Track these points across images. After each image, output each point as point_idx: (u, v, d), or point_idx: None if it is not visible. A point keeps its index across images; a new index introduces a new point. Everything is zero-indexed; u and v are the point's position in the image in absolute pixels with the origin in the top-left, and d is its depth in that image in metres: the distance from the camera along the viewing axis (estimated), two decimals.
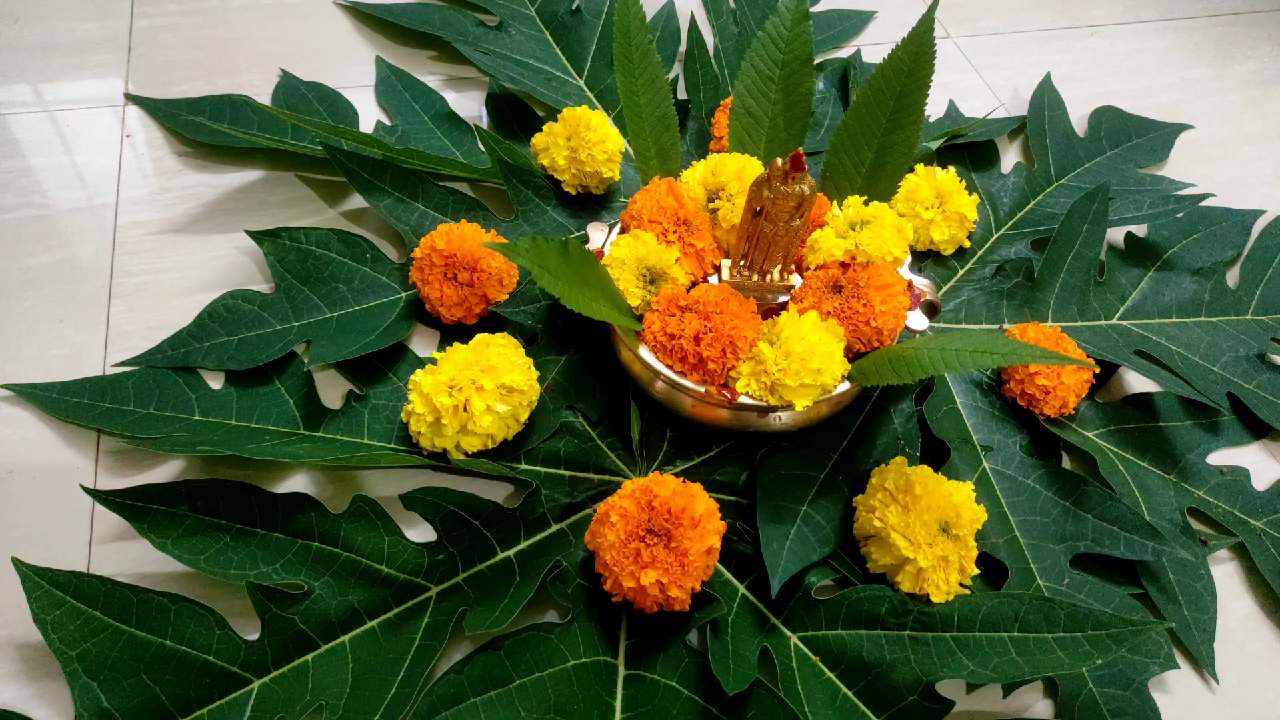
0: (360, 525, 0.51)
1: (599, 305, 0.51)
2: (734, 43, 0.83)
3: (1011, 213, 0.75)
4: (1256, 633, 0.56)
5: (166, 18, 0.81)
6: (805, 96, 0.61)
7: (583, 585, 0.51)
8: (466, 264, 0.59)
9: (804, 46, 0.61)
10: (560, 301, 0.48)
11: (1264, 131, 0.89)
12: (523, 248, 0.46)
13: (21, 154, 0.70)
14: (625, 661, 0.49)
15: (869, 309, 0.54)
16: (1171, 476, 0.60)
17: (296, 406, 0.56)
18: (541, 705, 0.46)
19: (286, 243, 0.63)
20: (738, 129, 0.63)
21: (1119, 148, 0.82)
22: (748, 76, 0.62)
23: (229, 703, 0.45)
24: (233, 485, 0.50)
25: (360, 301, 0.61)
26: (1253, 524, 0.59)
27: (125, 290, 0.62)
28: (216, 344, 0.58)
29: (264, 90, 0.75)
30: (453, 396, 0.51)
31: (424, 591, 0.50)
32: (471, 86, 0.79)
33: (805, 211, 0.52)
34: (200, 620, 0.46)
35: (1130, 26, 0.99)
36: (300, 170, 0.70)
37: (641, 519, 0.47)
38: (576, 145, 0.65)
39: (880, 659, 0.49)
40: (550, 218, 0.67)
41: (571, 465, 0.56)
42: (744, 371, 0.53)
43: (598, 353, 0.60)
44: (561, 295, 0.48)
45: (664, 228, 0.55)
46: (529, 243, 0.46)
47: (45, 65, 0.76)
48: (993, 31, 0.96)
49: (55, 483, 0.53)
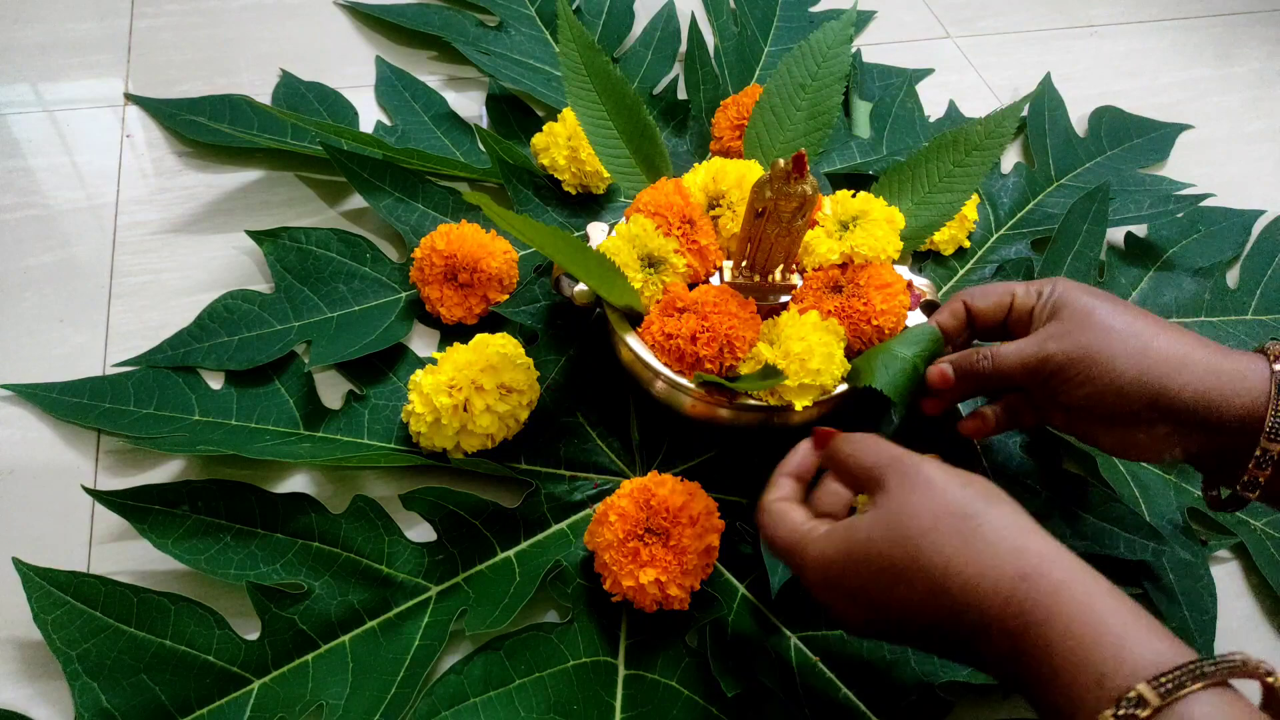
0: (360, 525, 0.51)
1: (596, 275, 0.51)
2: (734, 43, 0.83)
3: (1011, 213, 0.74)
4: (1256, 633, 0.56)
5: (166, 18, 0.81)
6: (831, 110, 0.62)
7: (583, 585, 0.51)
8: (466, 264, 0.59)
9: (840, 65, 0.62)
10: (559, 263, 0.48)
11: (1264, 131, 0.89)
12: (517, 220, 0.45)
13: (21, 154, 0.70)
14: (625, 661, 0.49)
15: (869, 308, 0.53)
16: (1171, 476, 0.60)
17: (296, 406, 0.56)
18: (541, 705, 0.46)
19: (286, 243, 0.63)
20: (759, 126, 0.63)
21: (1119, 148, 0.82)
22: (780, 80, 0.63)
23: (229, 703, 0.45)
24: (233, 485, 0.50)
25: (360, 301, 0.61)
26: (1253, 524, 0.59)
27: (125, 290, 0.62)
28: (216, 344, 0.58)
29: (264, 90, 0.75)
30: (453, 396, 0.51)
31: (424, 591, 0.50)
32: (471, 86, 0.79)
33: (807, 212, 0.52)
34: (200, 620, 0.46)
35: (1130, 26, 0.99)
36: (300, 170, 0.70)
37: (640, 518, 0.47)
38: (577, 145, 0.65)
39: (880, 659, 0.49)
40: (550, 217, 0.67)
41: (571, 465, 0.56)
42: (743, 372, 0.53)
43: (598, 353, 0.60)
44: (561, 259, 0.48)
45: (669, 223, 0.55)
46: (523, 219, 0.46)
47: (45, 65, 0.76)
48: (993, 31, 0.96)
49: (55, 483, 0.53)
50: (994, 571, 0.34)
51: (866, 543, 0.37)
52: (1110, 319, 0.45)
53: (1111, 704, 0.30)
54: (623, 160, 0.61)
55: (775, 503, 0.43)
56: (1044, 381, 0.46)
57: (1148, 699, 0.29)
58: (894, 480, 0.38)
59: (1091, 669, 0.31)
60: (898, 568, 0.36)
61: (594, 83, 0.60)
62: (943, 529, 0.36)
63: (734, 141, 0.69)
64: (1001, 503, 0.37)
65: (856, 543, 0.38)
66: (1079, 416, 0.47)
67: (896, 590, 0.36)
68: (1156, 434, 0.44)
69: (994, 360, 0.48)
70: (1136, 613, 0.33)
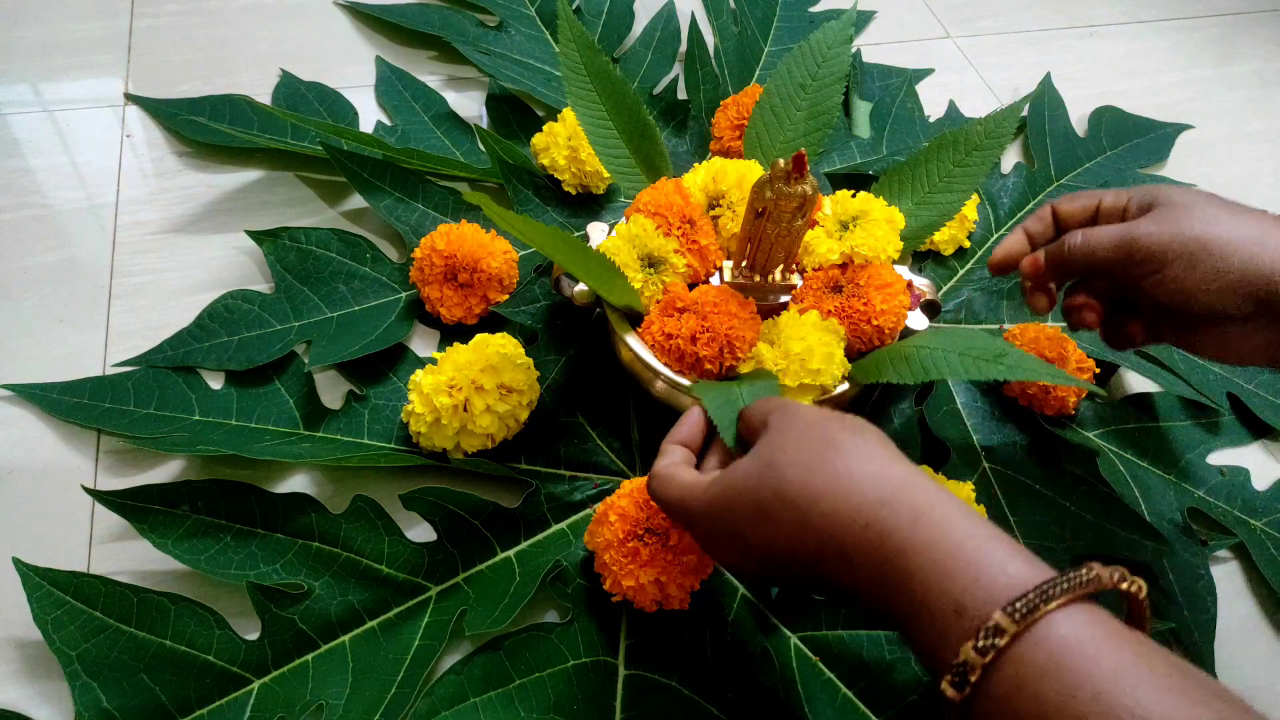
0: (360, 525, 0.51)
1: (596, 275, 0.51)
2: (734, 43, 0.83)
3: (1011, 212, 0.74)
4: (1256, 633, 0.56)
5: (166, 18, 0.81)
6: (831, 110, 0.62)
7: (583, 585, 0.51)
8: (466, 264, 0.59)
9: (840, 65, 0.62)
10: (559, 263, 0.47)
11: (1264, 131, 0.89)
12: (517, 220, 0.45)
13: (21, 154, 0.70)
14: (625, 661, 0.49)
15: (870, 308, 0.53)
16: (1171, 476, 0.60)
17: (296, 406, 0.56)
18: (541, 705, 0.46)
19: (286, 243, 0.63)
20: (759, 126, 0.63)
21: (1119, 148, 0.82)
22: (780, 80, 0.63)
23: (229, 703, 0.45)
24: (233, 485, 0.50)
25: (360, 301, 0.61)
26: (1253, 524, 0.59)
27: (125, 290, 0.62)
28: (216, 344, 0.58)
29: (264, 90, 0.75)
30: (453, 396, 0.51)
31: (424, 591, 0.50)
32: (471, 86, 0.79)
33: (807, 212, 0.52)
34: (200, 620, 0.46)
35: (1130, 26, 0.99)
36: (300, 170, 0.70)
37: (639, 518, 0.47)
38: (577, 145, 0.65)
39: (880, 659, 0.49)
40: (550, 217, 0.67)
41: (571, 465, 0.56)
42: (743, 372, 0.53)
43: (598, 353, 0.60)
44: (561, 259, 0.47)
45: (669, 223, 0.55)
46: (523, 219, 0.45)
47: (45, 65, 0.76)
48: (993, 31, 0.96)
49: (55, 483, 0.53)
50: (856, 497, 0.34)
51: (741, 482, 0.38)
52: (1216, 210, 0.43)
53: (971, 635, 0.29)
54: (623, 160, 0.61)
55: (665, 467, 0.43)
56: (1139, 267, 0.44)
57: (1004, 627, 0.29)
58: (774, 420, 0.39)
59: (950, 599, 0.31)
60: (765, 501, 0.36)
61: (594, 83, 0.60)
62: (807, 460, 0.36)
63: (734, 141, 0.69)
64: (866, 432, 0.37)
65: (731, 484, 0.38)
66: (1175, 314, 0.45)
67: (765, 525, 0.36)
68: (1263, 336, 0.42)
69: (1085, 238, 0.46)
70: (992, 535, 0.32)
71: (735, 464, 0.39)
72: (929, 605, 0.31)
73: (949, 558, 0.32)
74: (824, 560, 0.35)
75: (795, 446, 0.37)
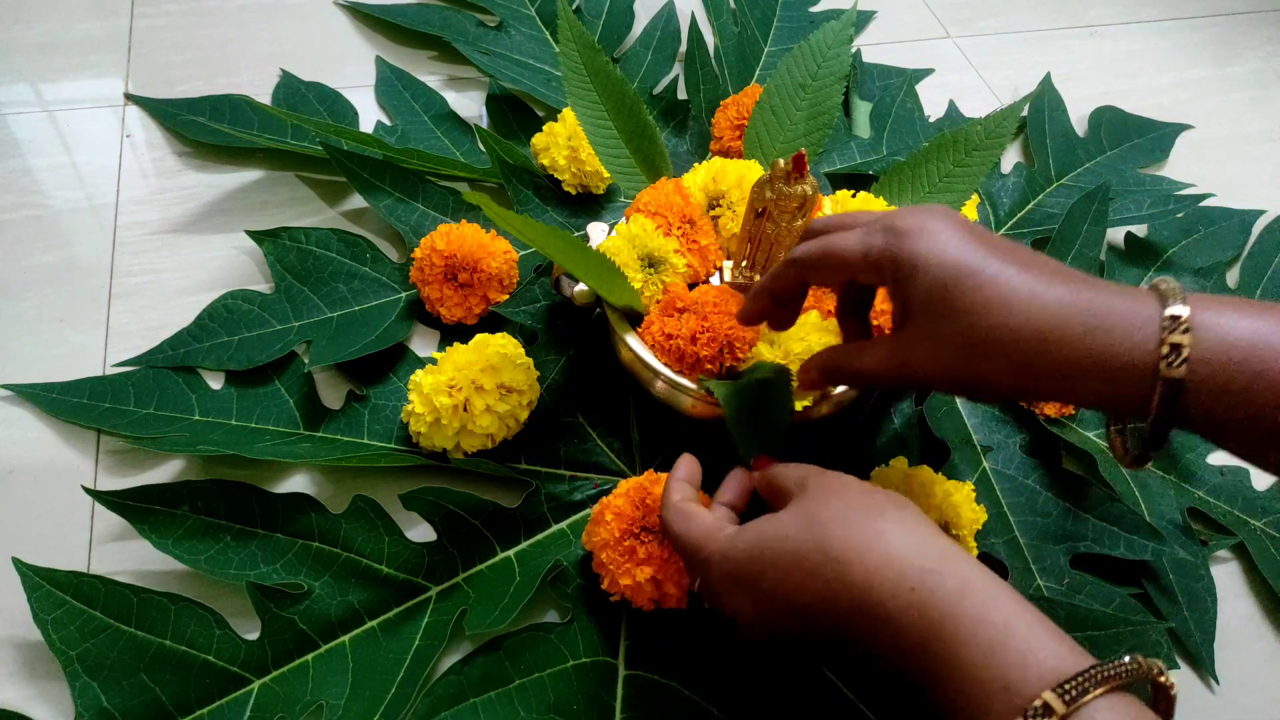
0: (360, 525, 0.51)
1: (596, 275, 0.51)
2: (734, 43, 0.83)
3: (1011, 213, 0.74)
4: (1256, 633, 0.56)
5: (166, 18, 0.81)
6: (831, 110, 0.62)
7: (582, 585, 0.51)
8: (466, 264, 0.59)
9: (840, 65, 0.63)
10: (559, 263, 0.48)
11: (1264, 131, 0.89)
12: (517, 220, 0.45)
13: (21, 154, 0.70)
14: (625, 661, 0.49)
15: None
16: (1171, 477, 0.60)
17: (296, 406, 0.56)
18: (541, 705, 0.46)
19: (286, 243, 0.63)
20: (759, 126, 0.63)
21: (1119, 148, 0.82)
22: (780, 80, 0.63)
23: (229, 703, 0.45)
24: (233, 485, 0.50)
25: (360, 301, 0.61)
26: (1253, 524, 0.59)
27: (125, 290, 0.62)
28: (216, 344, 0.58)
29: (264, 90, 0.75)
30: (453, 396, 0.51)
31: (424, 591, 0.50)
32: (471, 86, 0.79)
33: (807, 212, 0.52)
34: (200, 620, 0.46)
35: (1130, 26, 0.99)
36: (300, 170, 0.70)
37: (635, 516, 0.47)
38: (577, 145, 0.65)
39: None
40: (551, 217, 0.67)
41: (571, 465, 0.56)
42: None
43: (598, 353, 0.60)
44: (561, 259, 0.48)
45: (669, 223, 0.55)
46: (523, 219, 0.45)
47: (45, 65, 0.76)
48: (993, 31, 0.96)
49: (55, 483, 0.53)
50: (901, 562, 0.35)
51: (778, 532, 0.38)
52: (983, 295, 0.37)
53: (1019, 713, 0.30)
54: (623, 160, 0.61)
55: (683, 503, 0.44)
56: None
57: (1054, 707, 0.30)
58: (813, 483, 0.40)
59: (997, 674, 0.31)
60: (803, 555, 0.36)
61: (594, 83, 0.60)
62: (851, 520, 0.37)
63: (734, 141, 0.69)
64: (909, 506, 0.38)
65: (767, 535, 0.38)
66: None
67: (798, 580, 0.36)
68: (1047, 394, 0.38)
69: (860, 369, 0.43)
70: (1037, 616, 0.33)
71: (773, 516, 0.39)
72: (973, 677, 0.32)
73: (998, 633, 0.32)
74: (854, 622, 0.35)
75: (841, 506, 0.38)
